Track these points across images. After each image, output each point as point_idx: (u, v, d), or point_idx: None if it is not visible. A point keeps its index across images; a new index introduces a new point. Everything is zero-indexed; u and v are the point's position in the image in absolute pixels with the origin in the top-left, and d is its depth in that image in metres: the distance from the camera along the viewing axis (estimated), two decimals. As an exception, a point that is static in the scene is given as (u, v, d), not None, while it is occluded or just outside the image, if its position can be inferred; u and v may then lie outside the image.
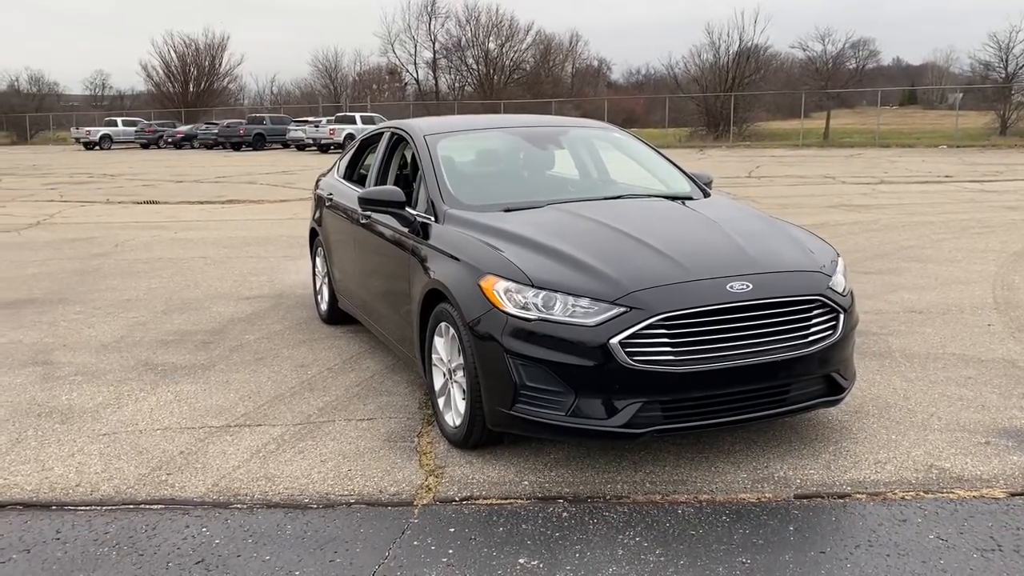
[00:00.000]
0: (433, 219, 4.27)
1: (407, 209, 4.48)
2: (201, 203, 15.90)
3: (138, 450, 3.93)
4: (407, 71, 68.71)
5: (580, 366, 3.31)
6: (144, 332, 6.09)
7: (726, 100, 40.87)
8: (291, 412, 4.40)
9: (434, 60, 65.40)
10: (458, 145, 5.04)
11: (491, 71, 62.30)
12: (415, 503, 3.37)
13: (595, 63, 71.45)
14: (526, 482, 3.53)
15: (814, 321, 3.57)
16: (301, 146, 38.60)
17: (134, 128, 46.20)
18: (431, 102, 58.68)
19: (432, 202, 4.37)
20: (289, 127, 40.29)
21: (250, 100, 73.83)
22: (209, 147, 41.94)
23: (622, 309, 3.32)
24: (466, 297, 3.64)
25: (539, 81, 61.03)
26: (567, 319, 3.37)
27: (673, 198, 4.62)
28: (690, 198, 4.66)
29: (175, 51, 63.35)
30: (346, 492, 3.47)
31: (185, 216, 13.74)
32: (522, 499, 3.39)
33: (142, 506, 3.38)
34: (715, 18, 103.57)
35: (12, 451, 3.95)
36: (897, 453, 3.73)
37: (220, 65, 64.95)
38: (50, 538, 3.12)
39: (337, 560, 2.94)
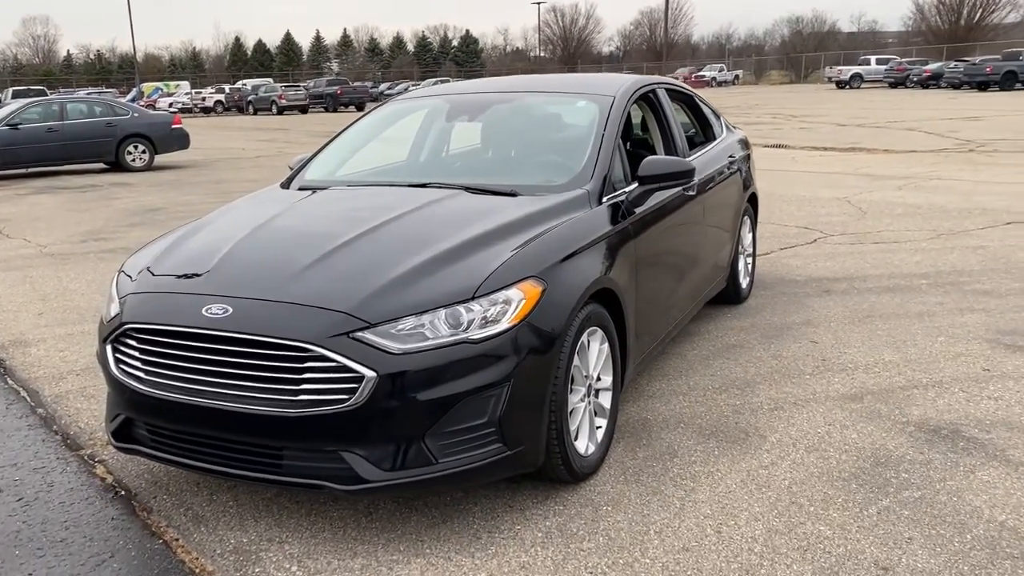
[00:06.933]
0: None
1: None
2: (814, 149, 14.88)
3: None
4: None
5: (103, 364, 2.91)
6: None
7: None
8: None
9: None
10: (393, 112, 4.55)
11: None
12: (83, 449, 3.46)
13: None
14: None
15: (306, 376, 2.48)
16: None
17: (884, 67, 44.82)
18: None
19: None
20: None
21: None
22: (956, 87, 38.01)
23: (118, 310, 2.89)
24: None
25: None
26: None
27: (492, 192, 3.37)
28: (513, 195, 3.30)
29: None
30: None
31: (768, 163, 12.59)
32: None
33: None
34: None
35: None
36: None
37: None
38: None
39: None
